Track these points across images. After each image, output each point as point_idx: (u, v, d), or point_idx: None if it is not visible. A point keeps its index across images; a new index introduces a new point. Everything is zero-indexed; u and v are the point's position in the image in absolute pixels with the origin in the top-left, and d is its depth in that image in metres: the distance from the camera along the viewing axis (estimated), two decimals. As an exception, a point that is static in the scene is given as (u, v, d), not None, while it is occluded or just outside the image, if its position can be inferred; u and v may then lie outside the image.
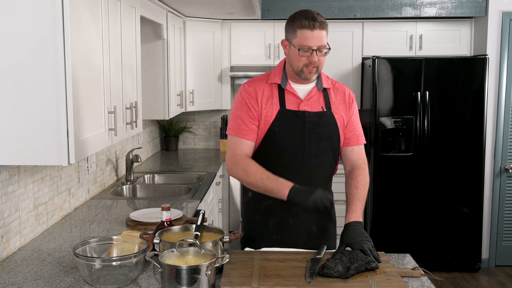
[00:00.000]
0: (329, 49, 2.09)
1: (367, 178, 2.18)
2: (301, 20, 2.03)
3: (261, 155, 2.15)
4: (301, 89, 2.15)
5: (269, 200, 2.12)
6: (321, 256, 1.93)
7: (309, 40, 2.02)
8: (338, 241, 2.37)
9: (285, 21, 2.09)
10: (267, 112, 2.11)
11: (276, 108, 2.11)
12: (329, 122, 2.14)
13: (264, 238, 2.18)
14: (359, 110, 4.79)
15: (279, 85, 2.14)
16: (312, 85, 2.16)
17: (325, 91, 2.18)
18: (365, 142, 2.26)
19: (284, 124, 2.10)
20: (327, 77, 2.24)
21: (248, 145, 2.12)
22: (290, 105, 2.12)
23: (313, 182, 2.12)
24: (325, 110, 2.14)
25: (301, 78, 2.11)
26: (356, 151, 2.21)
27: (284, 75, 2.16)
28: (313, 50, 2.04)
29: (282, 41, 2.14)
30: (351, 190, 2.13)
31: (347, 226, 2.02)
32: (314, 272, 1.80)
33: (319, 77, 2.17)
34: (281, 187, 1.98)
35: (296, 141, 2.11)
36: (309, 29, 2.02)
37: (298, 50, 2.04)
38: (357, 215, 2.05)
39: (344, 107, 2.19)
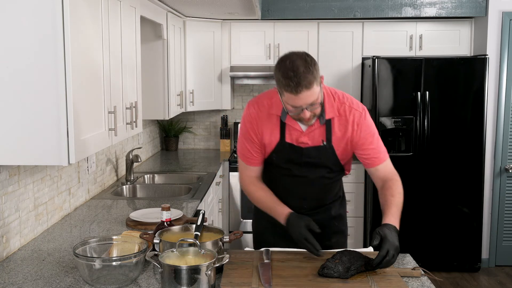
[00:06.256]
0: (322, 103, 1.95)
1: (401, 188, 2.10)
2: (284, 81, 1.85)
3: (264, 172, 2.24)
4: None
5: None
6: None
7: (296, 101, 1.89)
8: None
9: (285, 21, 2.02)
10: (268, 140, 2.12)
11: (276, 139, 2.10)
12: (328, 153, 2.11)
13: (276, 239, 2.23)
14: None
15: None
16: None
17: (328, 122, 2.07)
18: (387, 158, 2.15)
19: (282, 155, 2.12)
20: (334, 101, 2.08)
21: (254, 170, 2.21)
22: (289, 138, 2.09)
23: (317, 202, 2.23)
24: (325, 143, 2.09)
25: (300, 123, 2.05)
26: (381, 169, 2.14)
27: (284, 107, 2.05)
28: (303, 108, 1.91)
29: (276, 87, 1.98)
30: (387, 198, 2.04)
31: (387, 225, 1.90)
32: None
33: (322, 108, 2.03)
34: (278, 218, 2.09)
35: (294, 168, 2.14)
36: (293, 94, 1.86)
37: (288, 110, 1.95)
38: (395, 221, 1.94)
39: (346, 134, 2.09)
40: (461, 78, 4.33)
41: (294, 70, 1.83)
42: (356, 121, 2.08)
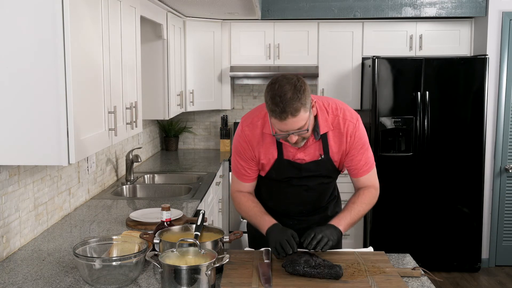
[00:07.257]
0: (307, 130, 1.89)
1: (371, 198, 2.12)
2: (271, 105, 1.82)
3: (264, 183, 2.23)
4: None
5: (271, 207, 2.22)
6: (269, 261, 1.92)
7: (281, 126, 1.86)
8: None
9: (285, 21, 2.01)
10: (265, 160, 2.09)
11: (273, 157, 2.08)
12: (327, 165, 2.11)
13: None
14: (359, 110, 4.77)
15: None
16: None
17: (323, 135, 2.05)
18: (372, 169, 2.15)
19: (281, 171, 2.11)
20: (327, 115, 2.04)
21: (247, 187, 2.19)
22: (287, 154, 2.07)
23: (315, 205, 2.23)
24: (323, 157, 2.07)
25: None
26: (362, 180, 2.15)
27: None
28: (289, 133, 1.88)
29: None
30: (348, 203, 2.11)
31: (328, 225, 1.98)
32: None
33: (316, 124, 2.01)
34: (263, 227, 2.03)
35: (294, 180, 2.14)
36: (278, 120, 1.83)
37: (274, 132, 1.92)
38: (340, 223, 2.00)
39: (341, 145, 2.08)
40: (461, 78, 4.33)
41: (281, 95, 1.79)
42: (349, 133, 2.06)
